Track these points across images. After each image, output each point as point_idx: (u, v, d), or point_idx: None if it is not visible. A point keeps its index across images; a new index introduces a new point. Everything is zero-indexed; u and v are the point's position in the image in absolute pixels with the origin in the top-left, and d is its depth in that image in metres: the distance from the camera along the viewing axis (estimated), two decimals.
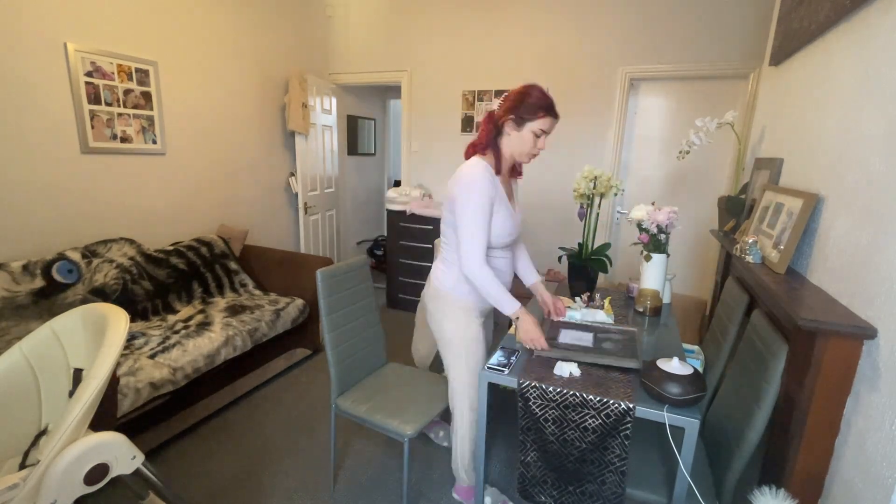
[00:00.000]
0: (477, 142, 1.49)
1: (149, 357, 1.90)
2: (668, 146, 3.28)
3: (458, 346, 1.54)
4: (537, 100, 1.39)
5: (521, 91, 1.41)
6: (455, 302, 1.53)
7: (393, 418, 1.56)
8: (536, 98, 1.39)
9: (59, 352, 1.32)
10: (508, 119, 1.41)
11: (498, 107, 1.45)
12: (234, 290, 2.75)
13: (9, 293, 1.88)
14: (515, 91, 1.42)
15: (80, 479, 1.02)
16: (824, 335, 1.10)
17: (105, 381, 1.05)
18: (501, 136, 1.45)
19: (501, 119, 1.42)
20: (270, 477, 1.84)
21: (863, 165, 1.22)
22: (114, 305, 1.26)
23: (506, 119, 1.41)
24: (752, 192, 2.17)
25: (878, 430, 1.01)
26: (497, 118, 1.44)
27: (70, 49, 2.19)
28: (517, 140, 1.43)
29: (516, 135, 1.43)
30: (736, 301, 1.70)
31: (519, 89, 1.42)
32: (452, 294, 1.53)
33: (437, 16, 3.66)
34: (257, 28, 3.26)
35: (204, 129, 2.95)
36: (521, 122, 1.40)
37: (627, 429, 1.18)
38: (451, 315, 1.54)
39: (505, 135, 1.44)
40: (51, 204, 2.19)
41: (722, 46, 2.92)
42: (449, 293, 1.54)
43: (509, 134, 1.44)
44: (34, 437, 1.26)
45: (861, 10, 1.35)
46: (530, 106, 1.39)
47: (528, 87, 1.41)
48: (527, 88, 1.41)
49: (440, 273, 1.57)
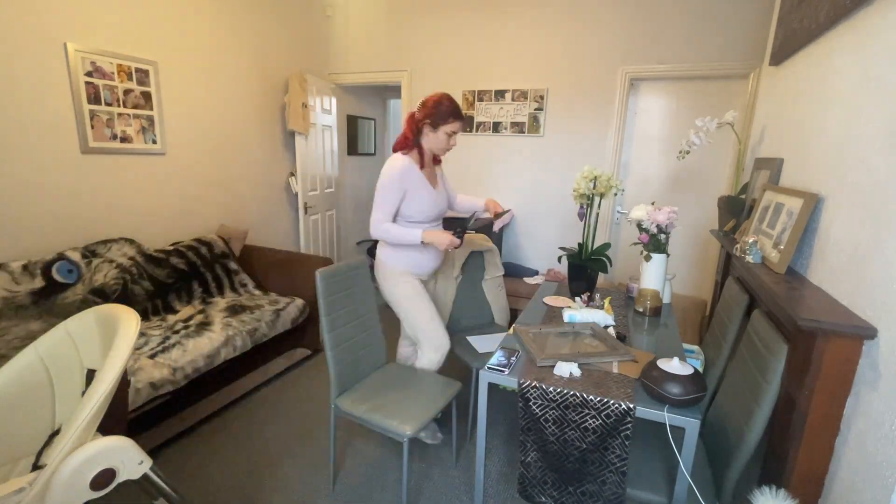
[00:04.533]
0: (401, 141, 1.82)
1: (149, 357, 1.90)
2: (668, 146, 3.28)
3: (398, 302, 1.89)
4: (447, 108, 1.74)
5: (436, 100, 1.74)
6: (390, 268, 1.89)
7: (392, 418, 1.56)
8: (447, 107, 1.74)
9: (72, 352, 1.33)
10: (426, 123, 1.76)
11: (417, 111, 1.77)
12: (234, 290, 2.75)
13: (9, 293, 1.88)
14: (431, 99, 1.75)
15: (86, 483, 1.01)
16: (824, 335, 1.10)
17: (114, 383, 1.05)
18: (422, 135, 1.79)
19: (420, 123, 1.77)
20: (270, 477, 1.84)
21: (863, 165, 1.22)
22: (126, 307, 1.26)
23: (423, 123, 1.76)
24: (752, 192, 2.17)
25: (878, 430, 1.01)
26: (417, 121, 1.77)
27: (70, 49, 2.18)
28: (433, 139, 1.79)
29: (433, 135, 1.78)
30: (736, 301, 1.70)
31: (434, 98, 1.75)
32: (387, 263, 1.89)
33: (437, 16, 3.66)
34: (257, 28, 3.26)
35: (204, 129, 2.95)
36: (436, 126, 1.75)
37: (628, 429, 1.18)
38: (391, 280, 1.89)
39: (424, 135, 1.79)
40: (51, 204, 2.19)
41: (722, 46, 2.92)
42: (384, 262, 1.90)
43: (427, 135, 1.79)
44: (48, 436, 1.27)
45: (861, 10, 1.35)
46: (443, 113, 1.73)
47: (441, 97, 1.75)
48: (440, 98, 1.75)
49: (380, 247, 1.93)
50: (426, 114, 1.74)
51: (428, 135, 1.78)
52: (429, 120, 1.74)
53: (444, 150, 1.84)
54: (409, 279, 1.89)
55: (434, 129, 1.76)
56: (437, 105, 1.73)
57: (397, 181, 1.75)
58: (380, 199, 1.77)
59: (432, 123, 1.74)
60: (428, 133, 1.78)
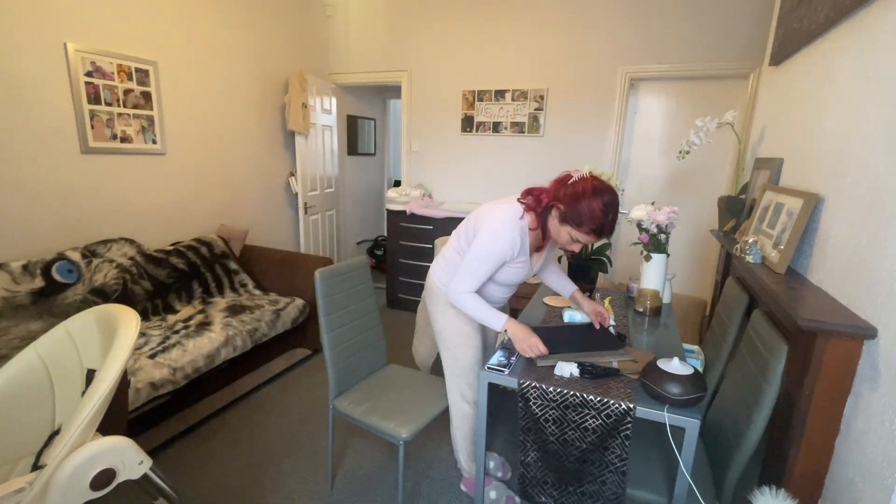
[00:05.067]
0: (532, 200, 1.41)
1: (149, 357, 1.90)
2: (668, 146, 3.28)
3: (448, 338, 1.62)
4: (591, 217, 1.28)
5: (589, 198, 1.28)
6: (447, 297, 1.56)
7: (389, 420, 1.55)
8: (591, 215, 1.28)
9: (73, 352, 1.33)
10: (557, 206, 1.35)
11: (564, 191, 1.34)
12: (234, 290, 2.75)
13: (9, 293, 1.88)
14: (585, 192, 1.29)
15: (86, 483, 1.01)
16: (824, 335, 1.10)
17: (114, 383, 1.05)
18: (549, 214, 1.40)
19: (551, 202, 1.36)
20: (270, 477, 1.84)
21: (863, 165, 1.22)
22: (126, 307, 1.26)
23: (555, 204, 1.35)
24: (752, 192, 2.17)
25: (878, 430, 1.01)
26: (555, 200, 1.35)
27: (70, 49, 2.18)
28: (554, 228, 1.39)
29: (556, 224, 1.38)
30: (736, 301, 1.70)
31: (589, 194, 1.28)
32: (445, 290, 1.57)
33: (437, 16, 3.66)
34: (257, 28, 3.26)
35: (204, 130, 2.95)
36: (564, 221, 1.34)
37: (628, 429, 1.18)
38: (443, 309, 1.61)
39: (551, 216, 1.39)
40: (51, 204, 2.19)
41: (722, 46, 2.92)
42: (444, 288, 1.59)
43: (553, 218, 1.38)
44: (48, 436, 1.27)
45: (861, 10, 1.35)
46: (583, 218, 1.29)
47: (598, 199, 1.28)
48: (594, 200, 1.28)
49: (438, 270, 1.64)
50: (567, 204, 1.31)
51: (553, 219, 1.38)
52: (562, 206, 1.33)
53: (561, 246, 1.47)
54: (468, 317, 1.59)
55: (561, 222, 1.35)
56: (585, 207, 1.28)
57: (508, 249, 1.40)
58: (476, 265, 1.42)
59: (562, 214, 1.34)
60: (554, 217, 1.37)
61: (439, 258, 1.67)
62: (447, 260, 1.61)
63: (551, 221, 1.39)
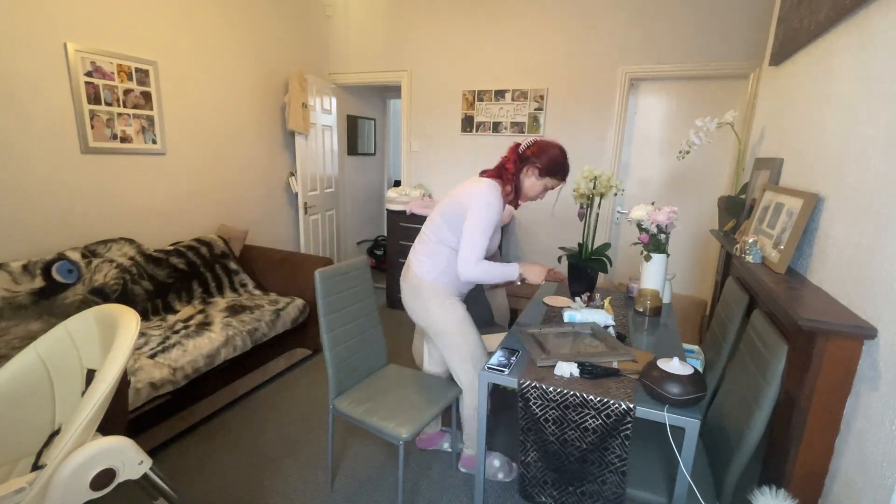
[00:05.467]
0: (497, 170, 1.68)
1: (149, 357, 1.90)
2: (668, 146, 3.28)
3: (452, 330, 1.68)
4: (562, 164, 1.65)
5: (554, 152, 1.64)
6: (439, 290, 1.68)
7: (389, 421, 1.55)
8: (562, 162, 1.65)
9: (72, 352, 1.33)
10: (535, 166, 1.63)
11: (529, 149, 1.65)
12: (234, 290, 2.75)
13: (9, 293, 1.88)
14: (548, 145, 1.64)
15: (86, 483, 1.01)
16: (824, 335, 1.10)
17: (114, 383, 1.05)
18: (522, 174, 1.66)
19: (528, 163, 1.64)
20: (270, 477, 1.84)
21: (863, 165, 1.22)
22: (125, 307, 1.26)
23: (532, 165, 1.63)
24: (752, 192, 2.17)
25: (878, 430, 1.01)
26: (525, 158, 1.64)
27: (70, 49, 2.18)
28: (532, 184, 1.67)
29: (534, 180, 1.66)
30: (736, 301, 1.70)
31: (553, 146, 1.64)
32: (435, 284, 1.68)
33: (437, 16, 3.66)
34: (257, 28, 3.26)
35: (204, 129, 2.95)
36: (542, 174, 1.64)
37: (628, 429, 1.18)
38: (436, 303, 1.68)
39: (526, 175, 1.66)
40: (51, 204, 2.19)
41: (722, 46, 2.92)
42: (432, 283, 1.68)
43: (529, 177, 1.66)
44: (48, 436, 1.27)
45: (861, 10, 1.35)
46: (557, 166, 1.64)
47: (560, 149, 1.66)
48: (559, 150, 1.65)
49: (423, 265, 1.70)
50: (541, 159, 1.63)
51: (530, 177, 1.66)
52: (539, 164, 1.63)
53: (533, 198, 1.72)
54: (457, 302, 1.72)
55: (540, 176, 1.65)
56: (555, 156, 1.63)
57: (498, 214, 1.61)
58: (480, 233, 1.57)
59: (542, 170, 1.63)
60: (531, 175, 1.65)
61: (420, 255, 1.73)
62: (429, 255, 1.70)
63: (527, 179, 1.67)
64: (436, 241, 1.70)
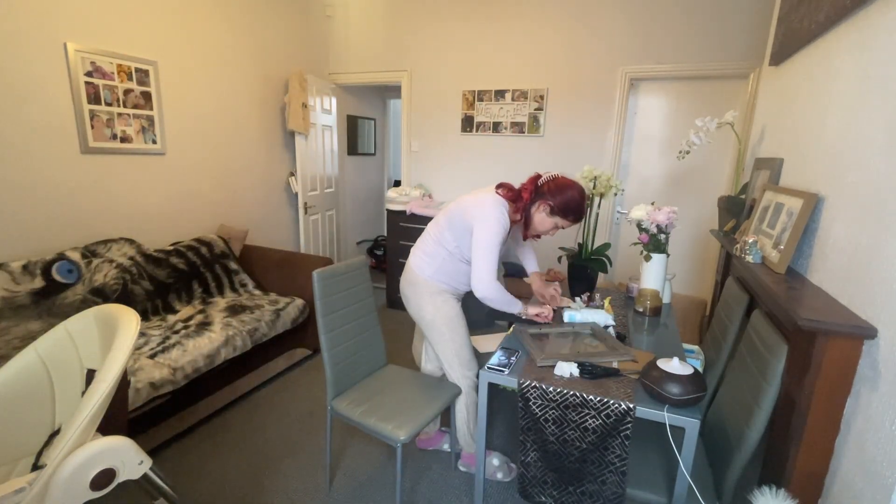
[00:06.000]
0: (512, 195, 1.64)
1: (149, 357, 1.90)
2: (668, 146, 3.28)
3: (441, 324, 1.72)
4: (577, 207, 1.61)
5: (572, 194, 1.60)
6: (432, 287, 1.73)
7: (387, 422, 1.54)
8: (577, 205, 1.60)
9: (72, 352, 1.33)
10: (548, 203, 1.61)
11: (546, 185, 1.62)
12: (234, 290, 2.75)
13: (9, 293, 1.88)
14: (567, 186, 1.61)
15: (86, 483, 1.01)
16: (824, 335, 1.10)
17: (114, 384, 1.05)
18: (534, 206, 1.64)
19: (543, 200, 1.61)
20: (269, 477, 1.84)
21: (863, 165, 1.22)
22: (125, 307, 1.26)
23: (547, 202, 1.61)
24: (752, 192, 2.17)
25: (878, 430, 1.01)
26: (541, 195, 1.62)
27: (70, 49, 2.18)
28: (540, 220, 1.65)
29: (544, 216, 1.64)
30: (736, 301, 1.70)
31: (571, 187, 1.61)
32: (430, 281, 1.73)
33: (437, 16, 3.66)
34: (257, 28, 3.26)
35: (204, 129, 2.95)
36: (553, 213, 1.62)
37: (628, 429, 1.18)
38: (428, 298, 1.73)
39: (536, 209, 1.64)
40: (51, 204, 2.19)
41: (722, 46, 2.92)
42: (427, 280, 1.73)
43: (540, 212, 1.64)
44: (48, 436, 1.27)
45: (861, 10, 1.35)
46: (571, 209, 1.61)
47: (579, 192, 1.61)
48: (578, 192, 1.61)
49: (421, 262, 1.75)
50: (555, 199, 1.60)
51: (541, 213, 1.64)
52: (552, 202, 1.60)
53: (541, 234, 1.71)
54: (451, 299, 1.75)
55: (551, 214, 1.62)
56: (571, 198, 1.59)
57: (504, 230, 1.59)
58: (491, 250, 1.56)
59: (553, 208, 1.61)
60: (541, 211, 1.63)
61: (418, 253, 1.78)
62: (427, 253, 1.74)
63: (538, 214, 1.65)
64: (436, 241, 1.73)
